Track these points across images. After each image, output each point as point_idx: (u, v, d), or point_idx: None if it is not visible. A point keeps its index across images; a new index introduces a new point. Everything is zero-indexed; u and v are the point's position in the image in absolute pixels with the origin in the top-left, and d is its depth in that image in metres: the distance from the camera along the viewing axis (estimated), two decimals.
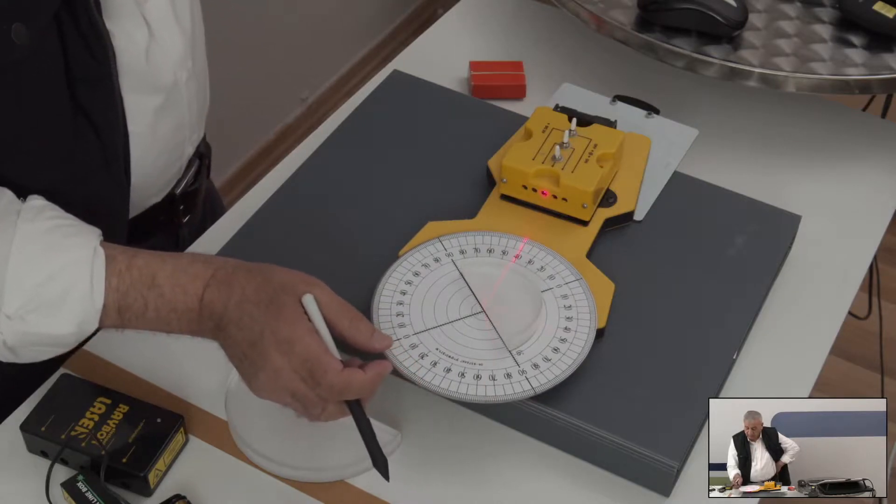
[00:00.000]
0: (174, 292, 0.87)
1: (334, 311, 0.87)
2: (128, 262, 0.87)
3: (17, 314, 0.84)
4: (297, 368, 0.84)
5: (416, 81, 1.22)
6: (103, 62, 0.90)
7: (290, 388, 0.85)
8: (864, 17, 1.19)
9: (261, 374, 0.85)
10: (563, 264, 1.00)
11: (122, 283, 0.86)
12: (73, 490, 0.88)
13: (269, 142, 2.41)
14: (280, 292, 0.85)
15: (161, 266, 0.88)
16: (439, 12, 2.19)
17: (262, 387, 0.86)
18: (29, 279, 0.84)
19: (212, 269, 0.88)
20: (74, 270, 0.85)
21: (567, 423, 0.92)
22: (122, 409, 0.93)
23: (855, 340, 1.84)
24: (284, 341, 0.84)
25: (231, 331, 0.86)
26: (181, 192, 1.09)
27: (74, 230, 0.88)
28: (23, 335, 0.85)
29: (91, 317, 0.86)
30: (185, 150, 1.06)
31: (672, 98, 1.24)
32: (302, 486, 0.92)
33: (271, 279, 0.87)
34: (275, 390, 0.85)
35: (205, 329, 0.87)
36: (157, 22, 0.95)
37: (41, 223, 0.86)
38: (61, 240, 0.86)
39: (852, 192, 1.18)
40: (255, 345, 0.84)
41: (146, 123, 0.97)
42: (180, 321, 0.87)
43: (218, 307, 0.86)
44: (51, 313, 0.85)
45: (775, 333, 1.03)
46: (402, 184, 1.11)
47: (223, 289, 0.87)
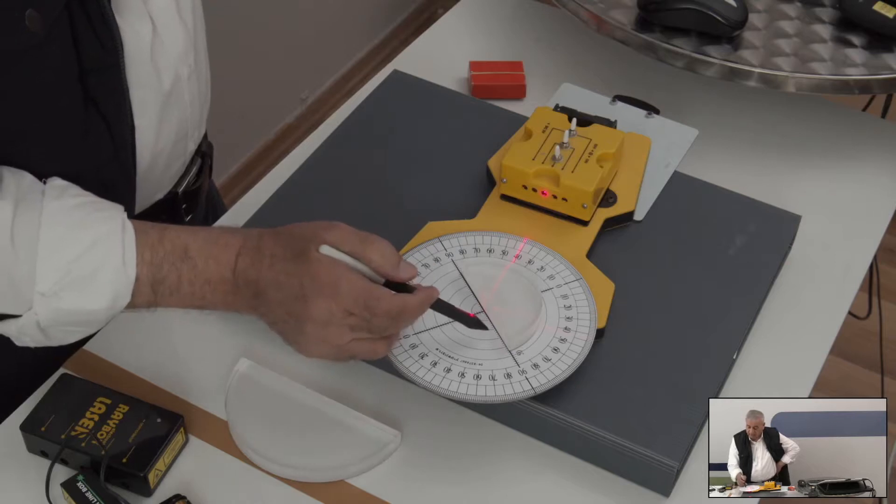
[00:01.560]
0: (207, 263, 0.87)
1: (356, 246, 0.87)
2: (159, 234, 0.88)
3: (51, 291, 0.84)
4: (348, 306, 0.85)
5: (416, 81, 1.22)
6: (112, 53, 0.91)
7: (348, 323, 0.85)
8: (864, 17, 1.19)
9: (309, 325, 0.85)
10: (563, 264, 1.00)
11: (156, 256, 0.87)
12: (73, 490, 0.88)
13: (269, 142, 2.41)
14: (306, 242, 0.86)
15: (193, 238, 0.88)
16: (439, 12, 2.19)
17: (314, 338, 0.86)
18: (61, 255, 0.84)
19: (241, 238, 0.89)
20: (106, 243, 0.85)
21: (567, 423, 0.92)
22: (122, 409, 0.93)
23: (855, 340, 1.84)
24: (327, 284, 0.85)
25: (270, 293, 0.86)
26: (184, 191, 1.09)
27: (100, 205, 0.88)
28: (57, 313, 0.85)
29: (124, 289, 0.86)
30: (188, 147, 1.06)
31: (672, 98, 1.24)
32: (302, 486, 0.92)
33: (294, 233, 0.88)
34: (331, 335, 0.86)
35: (242, 299, 0.88)
36: (160, 18, 0.95)
37: (67, 200, 0.87)
38: (89, 214, 0.87)
39: (852, 192, 1.18)
40: (298, 298, 0.85)
41: (150, 118, 0.97)
42: (214, 293, 0.88)
43: (252, 273, 0.87)
44: (85, 288, 0.85)
45: (775, 333, 1.03)
46: (402, 184, 1.11)
47: (254, 255, 0.87)
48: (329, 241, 0.87)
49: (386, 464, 0.93)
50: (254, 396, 0.97)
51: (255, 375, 0.98)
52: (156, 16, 0.95)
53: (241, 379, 0.98)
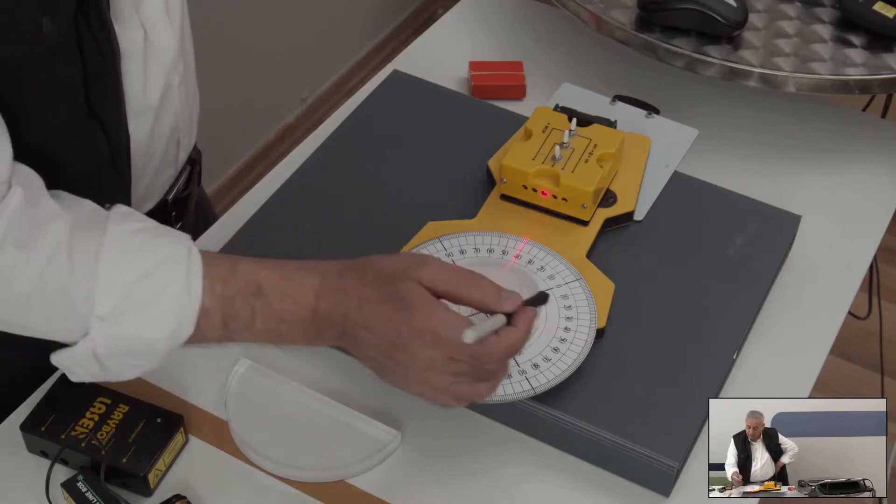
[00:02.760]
0: (283, 303, 0.83)
1: (456, 283, 0.83)
2: (231, 267, 0.84)
3: (110, 315, 0.80)
4: (452, 354, 0.81)
5: (416, 81, 1.22)
6: (110, 59, 0.91)
7: (450, 370, 0.82)
8: (864, 17, 1.19)
9: (411, 370, 0.82)
10: (563, 264, 1.00)
11: (227, 290, 0.83)
12: (73, 490, 0.88)
13: (269, 142, 2.41)
14: (398, 282, 0.82)
15: (266, 273, 0.84)
16: (439, 12, 2.19)
17: (415, 380, 0.83)
18: (122, 278, 0.80)
19: (319, 276, 0.84)
20: (169, 267, 0.81)
21: (567, 423, 0.92)
22: (122, 409, 0.93)
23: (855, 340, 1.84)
24: (427, 332, 0.81)
25: (361, 335, 0.83)
26: (173, 198, 1.09)
27: (165, 231, 0.85)
28: (115, 340, 0.81)
29: (188, 318, 0.82)
30: (180, 155, 1.06)
31: (672, 98, 1.24)
32: (302, 486, 0.92)
33: (382, 272, 0.83)
34: (430, 381, 0.82)
35: (325, 338, 0.85)
36: (151, 25, 0.95)
37: (131, 224, 0.84)
38: (153, 238, 0.83)
39: (852, 192, 1.18)
40: (395, 345, 0.82)
41: (144, 125, 0.97)
42: (293, 332, 0.84)
43: (338, 316, 0.83)
44: (146, 313, 0.81)
45: (775, 333, 1.03)
46: (402, 184, 1.11)
47: (338, 295, 0.83)
48: (423, 279, 0.82)
49: (386, 464, 0.94)
50: (254, 396, 0.97)
51: (255, 375, 0.98)
52: (147, 24, 0.94)
53: (241, 379, 0.98)
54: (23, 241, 0.79)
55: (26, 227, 0.79)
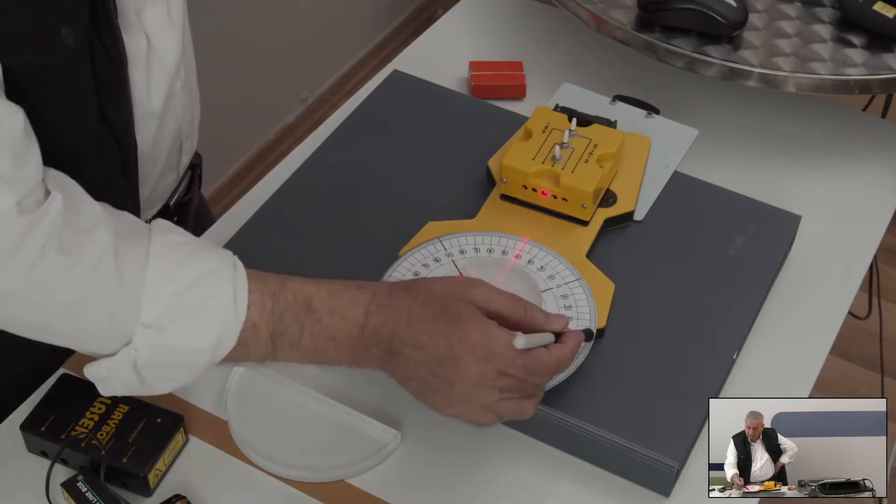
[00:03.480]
0: (332, 318, 0.83)
1: (507, 303, 0.84)
2: (281, 283, 0.83)
3: (155, 323, 0.79)
4: (503, 367, 0.81)
5: (416, 81, 1.22)
6: (119, 67, 0.91)
7: (498, 386, 0.82)
8: (864, 17, 1.19)
9: (459, 386, 0.81)
10: (563, 264, 1.00)
11: (277, 306, 0.82)
12: (73, 490, 0.88)
13: (269, 142, 2.41)
14: (449, 301, 0.83)
15: (316, 290, 0.83)
16: (439, 12, 2.19)
17: (459, 399, 0.82)
18: (169, 287, 0.80)
19: (369, 294, 0.84)
20: (216, 278, 0.81)
21: (567, 423, 0.92)
22: (122, 409, 0.93)
23: (855, 340, 1.84)
24: (480, 347, 0.81)
25: (408, 353, 0.82)
26: (175, 204, 1.10)
27: (209, 245, 0.85)
28: (157, 349, 0.80)
29: (231, 330, 0.81)
30: (182, 161, 1.07)
31: (672, 98, 1.24)
32: (302, 486, 0.92)
33: (433, 291, 0.84)
34: (474, 398, 0.82)
35: (370, 357, 0.84)
36: (154, 33, 0.95)
37: (175, 237, 0.84)
38: (197, 251, 0.83)
39: (852, 192, 1.18)
40: (444, 361, 0.81)
41: (148, 132, 0.98)
42: (339, 350, 0.84)
43: (386, 333, 0.83)
44: (191, 322, 0.80)
45: (775, 333, 1.03)
46: (402, 184, 1.11)
47: (387, 313, 0.83)
48: (475, 299, 0.83)
49: (386, 464, 0.94)
50: (254, 396, 0.97)
51: (254, 375, 0.98)
52: (149, 30, 0.95)
53: (241, 379, 0.98)
54: (67, 246, 0.78)
55: (69, 233, 0.78)
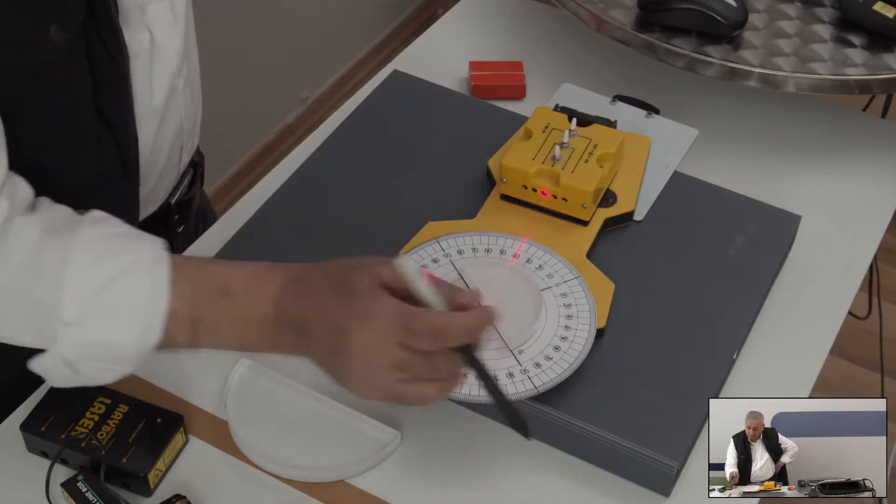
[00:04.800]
0: (248, 300, 0.82)
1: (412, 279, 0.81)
2: (198, 268, 0.83)
3: (76, 320, 0.79)
4: (386, 333, 0.78)
5: (416, 81, 1.22)
6: (120, 64, 0.91)
7: (390, 361, 0.78)
8: (864, 17, 1.19)
9: (351, 360, 0.79)
10: (562, 262, 1.00)
11: (196, 292, 0.82)
12: (73, 490, 0.88)
13: (269, 142, 2.41)
14: (349, 272, 0.81)
15: (234, 272, 0.83)
16: (439, 12, 2.19)
17: (358, 376, 0.79)
18: (89, 283, 0.80)
19: (284, 272, 0.83)
20: (136, 272, 0.81)
21: (567, 423, 0.92)
22: (122, 409, 0.93)
23: (855, 340, 1.84)
24: (363, 313, 0.78)
25: (314, 332, 0.81)
26: (176, 202, 1.09)
27: (136, 236, 0.84)
28: (82, 345, 0.80)
29: (154, 323, 0.81)
30: (183, 159, 1.07)
31: (672, 98, 1.24)
32: (302, 486, 0.92)
33: (339, 267, 0.82)
34: (373, 374, 0.79)
35: (287, 339, 0.82)
36: (157, 29, 0.95)
37: (102, 230, 0.83)
38: (123, 244, 0.83)
39: (852, 192, 1.18)
40: (336, 332, 0.79)
41: (149, 129, 0.98)
42: (258, 332, 0.82)
43: (297, 311, 0.81)
44: (111, 318, 0.80)
45: (775, 333, 1.03)
46: (402, 184, 1.11)
47: (299, 288, 0.82)
48: (380, 273, 0.80)
49: (386, 464, 0.93)
50: (254, 396, 0.97)
51: (254, 375, 0.98)
52: (153, 26, 0.94)
53: (241, 379, 0.98)
54: None
55: None
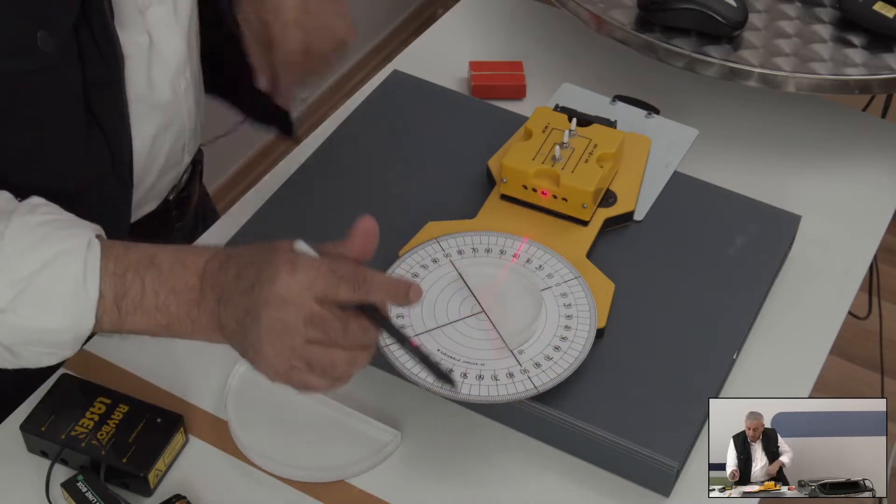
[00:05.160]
0: (172, 269, 0.82)
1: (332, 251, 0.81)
2: (126, 246, 0.84)
3: (8, 306, 0.80)
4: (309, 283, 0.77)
5: (416, 81, 1.22)
6: (115, 68, 0.91)
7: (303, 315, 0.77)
8: (864, 17, 1.19)
9: (263, 316, 0.78)
10: (561, 262, 1.00)
11: (119, 266, 0.82)
12: (73, 490, 0.88)
13: (269, 142, 2.41)
14: (271, 250, 0.81)
15: (161, 248, 0.84)
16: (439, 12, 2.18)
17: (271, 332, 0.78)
18: (20, 270, 0.80)
19: (213, 249, 0.84)
20: (67, 259, 0.81)
21: (567, 423, 0.92)
22: (122, 409, 0.93)
23: (855, 340, 1.84)
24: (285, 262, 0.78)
25: (232, 298, 0.80)
26: (174, 199, 1.09)
27: (68, 223, 0.85)
28: (16, 331, 0.82)
29: (86, 310, 0.82)
30: (184, 159, 1.06)
31: (672, 98, 1.24)
32: (302, 486, 0.92)
33: (267, 244, 0.82)
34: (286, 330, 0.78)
35: (206, 311, 0.82)
36: (157, 31, 0.95)
37: (36, 217, 0.84)
38: (54, 231, 0.83)
39: (852, 192, 1.18)
40: (253, 286, 0.79)
41: (148, 130, 0.97)
42: (179, 305, 0.82)
43: (219, 277, 0.81)
44: (42, 304, 0.81)
45: (775, 333, 1.03)
46: (402, 184, 1.11)
47: (224, 259, 0.82)
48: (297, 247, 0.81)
49: (386, 464, 0.94)
50: (254, 396, 0.97)
51: (255, 375, 0.98)
52: (152, 29, 0.94)
53: (241, 379, 0.98)
54: None
55: None
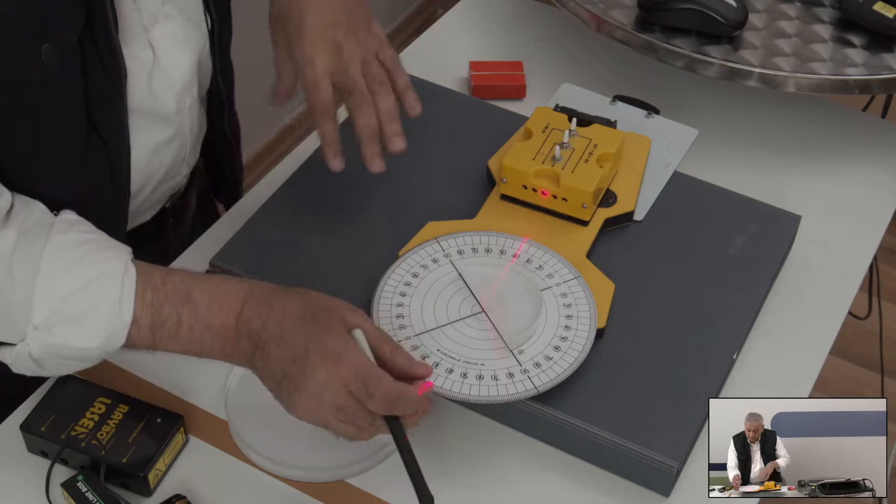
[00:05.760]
0: (209, 308, 0.85)
1: (377, 338, 0.86)
2: (163, 277, 0.86)
3: (44, 325, 0.83)
4: (346, 381, 0.82)
5: (416, 81, 1.21)
6: (116, 81, 0.91)
7: (337, 403, 0.82)
8: (864, 17, 1.19)
9: (303, 390, 0.82)
10: (561, 262, 1.00)
11: (157, 298, 0.85)
12: (73, 490, 0.88)
13: (269, 141, 2.41)
14: (324, 310, 0.84)
15: (197, 281, 0.86)
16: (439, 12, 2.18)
17: (304, 404, 0.83)
18: (58, 290, 0.83)
19: (247, 287, 0.86)
20: (104, 283, 0.84)
21: (567, 423, 0.92)
22: (122, 409, 0.93)
23: (855, 340, 1.84)
24: (332, 353, 0.82)
25: (270, 349, 0.84)
26: (171, 207, 1.10)
27: (107, 245, 0.87)
28: (48, 347, 0.84)
29: (119, 331, 0.85)
30: (182, 171, 1.07)
31: (672, 98, 1.24)
32: (302, 486, 0.92)
33: (311, 300, 0.86)
34: (318, 407, 0.83)
35: (240, 350, 0.85)
36: (162, 48, 0.96)
37: (73, 235, 0.86)
38: (92, 253, 0.86)
39: (852, 192, 1.18)
40: (297, 359, 0.82)
41: (147, 142, 0.98)
42: (213, 340, 0.86)
43: (256, 324, 0.84)
44: (77, 326, 0.84)
45: (775, 333, 1.03)
46: (402, 184, 1.11)
47: (262, 306, 0.85)
48: (348, 321, 0.84)
49: (386, 464, 0.93)
50: (254, 396, 0.97)
51: (255, 376, 0.98)
52: (157, 45, 0.95)
53: (241, 379, 0.98)
54: None
55: None
